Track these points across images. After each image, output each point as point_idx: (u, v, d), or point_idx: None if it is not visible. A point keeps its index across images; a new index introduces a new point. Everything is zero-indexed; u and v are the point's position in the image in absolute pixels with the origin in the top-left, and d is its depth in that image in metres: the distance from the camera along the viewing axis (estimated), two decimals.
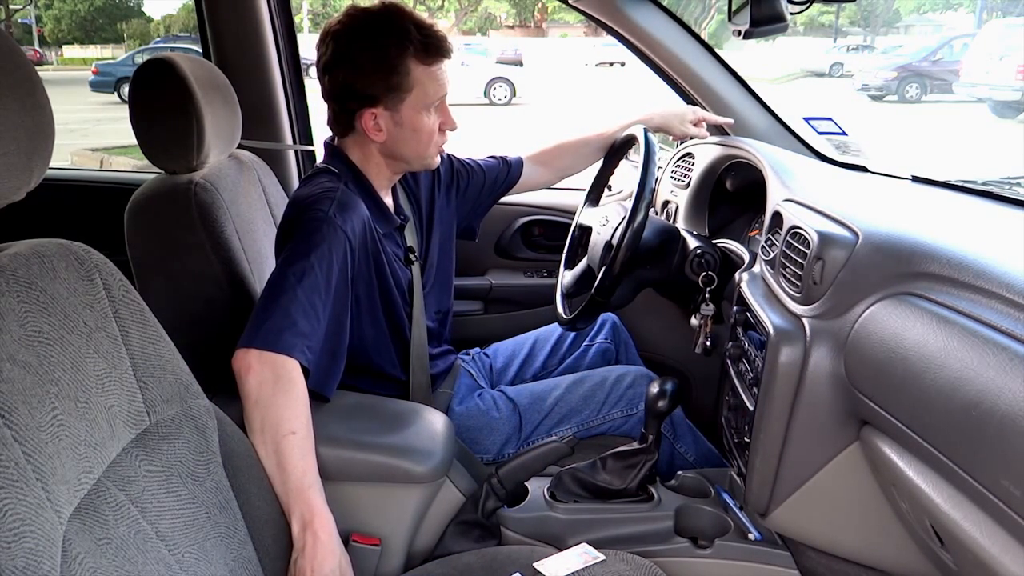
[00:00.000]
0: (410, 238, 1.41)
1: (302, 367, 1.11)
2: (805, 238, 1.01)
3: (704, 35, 1.75)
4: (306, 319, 1.12)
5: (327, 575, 1.00)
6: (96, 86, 14.92)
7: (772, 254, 1.14)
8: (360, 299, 1.29)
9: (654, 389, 1.20)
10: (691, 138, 1.68)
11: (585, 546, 1.11)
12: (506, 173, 1.63)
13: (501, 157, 1.66)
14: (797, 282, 1.01)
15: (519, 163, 1.65)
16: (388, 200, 1.40)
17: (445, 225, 1.52)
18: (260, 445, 1.03)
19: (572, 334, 1.66)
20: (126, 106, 1.37)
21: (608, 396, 1.44)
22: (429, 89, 1.26)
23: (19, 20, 25.64)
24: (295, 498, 1.02)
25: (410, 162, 1.35)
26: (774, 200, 1.22)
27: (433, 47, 1.25)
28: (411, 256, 1.39)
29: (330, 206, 1.22)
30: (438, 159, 1.37)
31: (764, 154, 1.39)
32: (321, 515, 1.02)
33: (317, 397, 1.17)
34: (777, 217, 1.16)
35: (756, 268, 1.22)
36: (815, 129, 1.70)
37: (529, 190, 1.72)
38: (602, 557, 1.08)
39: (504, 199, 1.87)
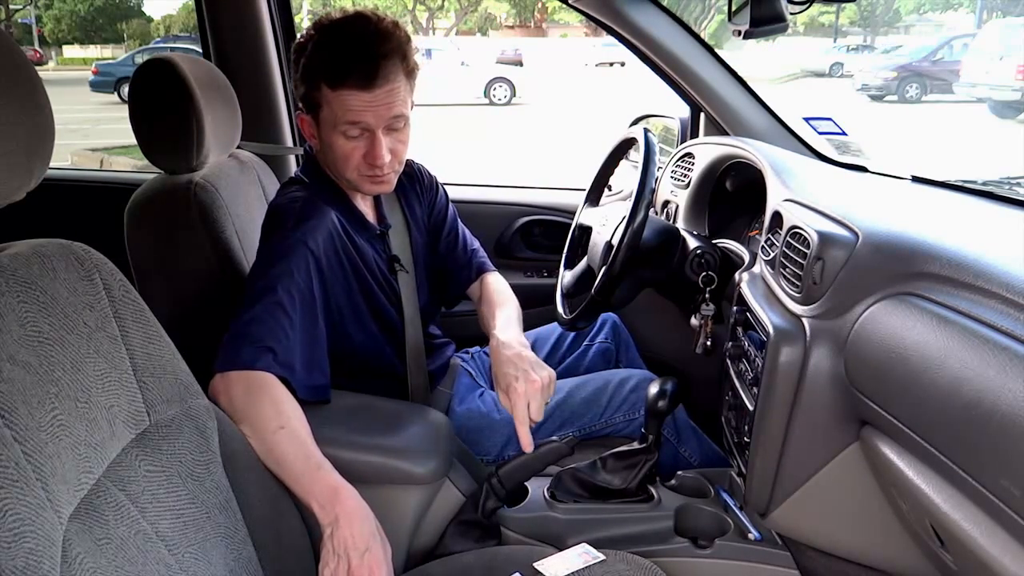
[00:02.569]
0: (397, 245, 1.39)
1: (281, 379, 1.10)
2: (805, 238, 1.01)
3: (704, 35, 1.76)
4: (270, 335, 1.11)
5: (368, 538, 0.98)
6: (96, 86, 14.93)
7: (772, 254, 1.14)
8: (342, 307, 1.29)
9: (654, 389, 1.20)
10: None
11: (585, 546, 1.11)
12: (466, 273, 1.51)
13: (479, 261, 1.53)
14: (797, 282, 1.01)
15: (479, 275, 1.51)
16: (366, 206, 1.38)
17: (434, 236, 1.51)
18: (258, 452, 1.02)
19: (572, 333, 1.65)
20: (126, 106, 1.37)
21: (611, 400, 1.44)
22: (337, 112, 1.20)
23: (19, 20, 25.63)
24: (308, 482, 1.00)
25: (339, 180, 1.31)
26: (774, 200, 1.22)
27: (338, 72, 1.17)
28: (395, 265, 1.37)
29: (290, 220, 1.22)
30: (371, 187, 1.28)
31: (764, 154, 1.39)
32: (343, 486, 1.01)
33: (332, 419, 1.16)
34: (777, 217, 1.16)
35: (756, 268, 1.22)
36: (815, 129, 1.70)
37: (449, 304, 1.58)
38: (602, 557, 1.08)
39: (504, 198, 1.87)
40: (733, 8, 1.28)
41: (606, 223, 1.46)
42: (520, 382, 1.15)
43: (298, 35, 1.27)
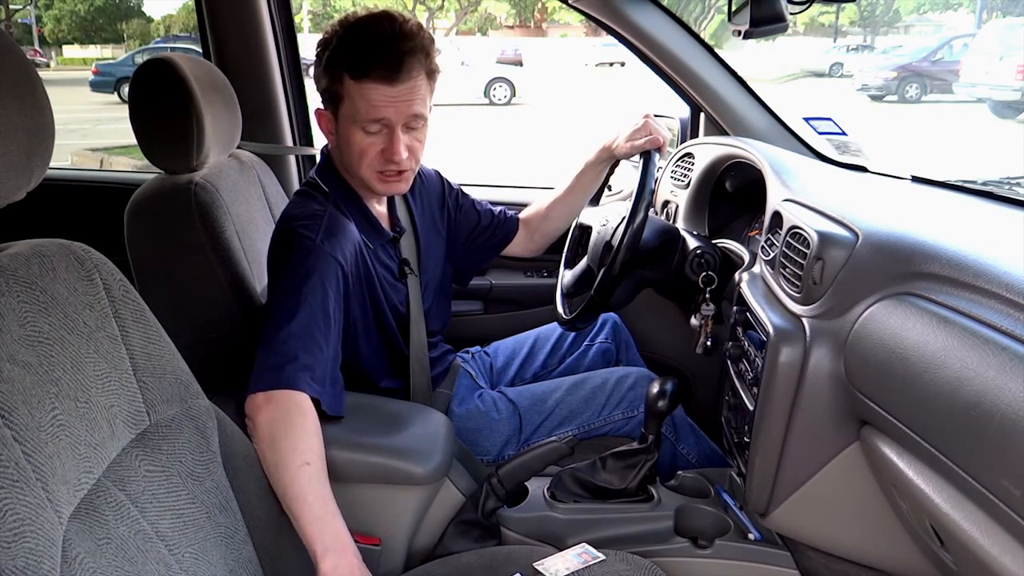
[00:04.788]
0: (407, 249, 1.40)
1: (312, 399, 1.10)
2: (805, 238, 1.01)
3: (704, 35, 1.76)
4: (307, 352, 1.12)
5: None
6: (96, 86, 14.93)
7: (772, 254, 1.14)
8: (356, 320, 1.29)
9: (654, 389, 1.20)
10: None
11: (585, 546, 1.11)
12: (502, 223, 1.60)
13: (500, 209, 1.62)
14: (797, 282, 1.01)
15: (515, 221, 1.62)
16: (382, 209, 1.39)
17: (445, 239, 1.52)
18: (276, 480, 1.02)
19: (572, 334, 1.65)
20: (126, 106, 1.37)
21: (609, 398, 1.44)
22: (359, 106, 1.21)
23: (19, 20, 25.63)
24: (320, 528, 1.01)
25: (354, 178, 1.31)
26: (774, 200, 1.22)
27: (363, 65, 1.19)
28: (405, 269, 1.38)
29: (318, 232, 1.21)
30: (384, 187, 1.29)
31: (764, 154, 1.39)
32: (350, 545, 1.02)
33: (332, 419, 1.16)
34: (777, 217, 1.16)
35: (756, 268, 1.22)
36: (815, 129, 1.70)
37: (516, 255, 1.66)
38: (602, 557, 1.08)
39: (504, 198, 1.87)
40: (733, 8, 1.28)
41: (606, 223, 1.46)
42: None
43: (296, 31, 1.27)
